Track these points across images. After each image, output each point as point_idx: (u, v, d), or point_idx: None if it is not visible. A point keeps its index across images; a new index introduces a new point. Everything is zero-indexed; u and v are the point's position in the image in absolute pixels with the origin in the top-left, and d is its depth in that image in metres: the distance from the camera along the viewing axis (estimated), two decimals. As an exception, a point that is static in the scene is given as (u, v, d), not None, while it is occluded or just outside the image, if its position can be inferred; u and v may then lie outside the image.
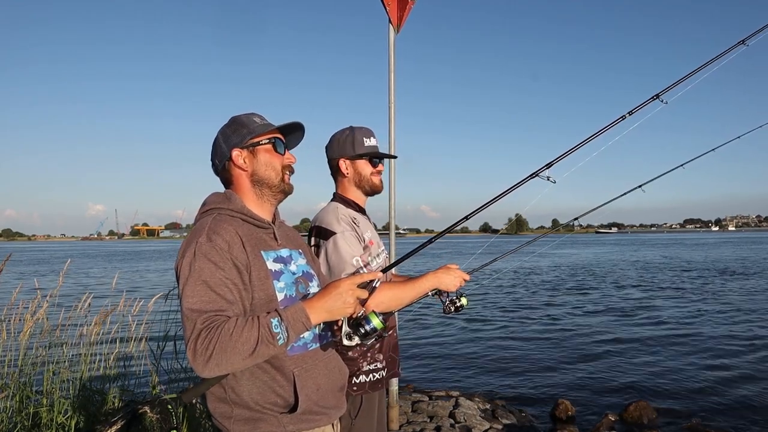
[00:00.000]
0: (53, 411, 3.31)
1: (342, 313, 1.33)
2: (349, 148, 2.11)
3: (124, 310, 4.11)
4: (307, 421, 1.44)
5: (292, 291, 1.48)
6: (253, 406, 1.39)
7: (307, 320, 1.29)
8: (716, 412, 5.15)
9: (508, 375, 6.61)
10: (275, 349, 1.25)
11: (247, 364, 1.26)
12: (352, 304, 1.33)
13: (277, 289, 1.43)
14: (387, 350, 2.17)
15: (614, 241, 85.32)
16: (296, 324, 1.28)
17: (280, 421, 1.40)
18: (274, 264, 1.47)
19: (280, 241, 1.55)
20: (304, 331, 1.31)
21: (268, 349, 1.24)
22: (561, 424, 4.88)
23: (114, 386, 3.74)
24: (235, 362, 1.22)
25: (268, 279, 1.43)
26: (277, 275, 1.46)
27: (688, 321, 10.10)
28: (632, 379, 6.29)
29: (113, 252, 63.49)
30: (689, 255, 34.79)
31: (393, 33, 3.68)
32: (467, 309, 2.07)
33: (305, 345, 1.47)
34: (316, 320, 1.32)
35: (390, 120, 3.68)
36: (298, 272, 1.55)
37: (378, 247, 2.15)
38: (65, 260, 4.56)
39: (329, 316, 1.33)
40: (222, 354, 1.19)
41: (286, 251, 1.55)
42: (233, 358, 1.20)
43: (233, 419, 1.40)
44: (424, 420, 4.61)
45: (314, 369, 1.47)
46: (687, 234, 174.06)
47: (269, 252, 1.48)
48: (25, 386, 3.41)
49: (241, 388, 1.39)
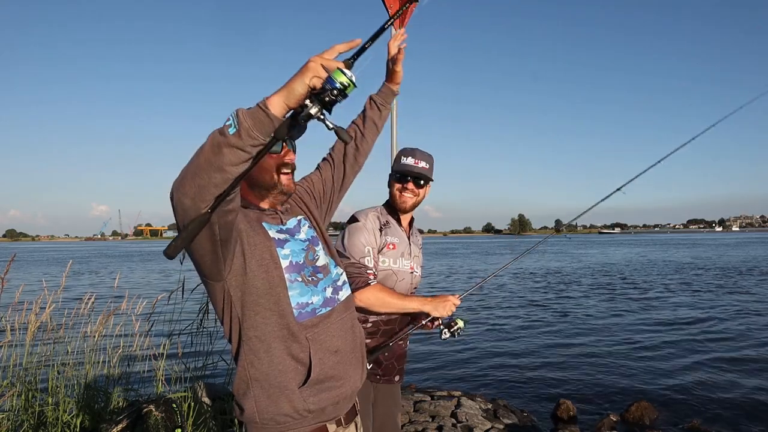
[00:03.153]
0: (58, 410, 3.35)
1: (302, 85, 1.10)
2: (395, 164, 2.31)
3: (127, 309, 4.14)
4: (328, 390, 1.43)
5: (299, 258, 1.47)
6: (273, 380, 1.38)
7: (263, 103, 1.12)
8: (718, 412, 5.15)
9: (510, 375, 6.61)
10: (227, 137, 1.09)
11: (210, 162, 1.10)
12: (313, 69, 1.11)
13: (282, 256, 1.42)
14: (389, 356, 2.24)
15: (618, 241, 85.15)
16: (250, 111, 1.11)
17: (301, 394, 1.39)
18: (278, 234, 1.47)
19: (285, 218, 1.55)
20: (262, 112, 1.10)
21: (219, 137, 1.10)
22: (562, 424, 4.89)
23: (118, 385, 3.77)
24: (199, 164, 1.11)
25: (270, 243, 1.42)
26: (281, 243, 1.45)
27: (690, 321, 10.08)
28: (634, 379, 6.30)
29: (116, 252, 63.66)
30: (692, 255, 34.69)
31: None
32: (467, 309, 2.16)
33: (314, 310, 1.45)
34: (276, 100, 1.11)
35: (392, 121, 3.70)
36: (307, 239, 1.54)
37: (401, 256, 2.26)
38: (68, 260, 4.59)
39: (288, 93, 1.11)
40: (188, 164, 1.13)
41: (293, 221, 1.56)
42: (196, 160, 1.11)
43: (254, 398, 1.39)
44: (426, 420, 4.62)
45: (327, 332, 1.45)
46: (691, 234, 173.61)
47: (273, 226, 1.48)
48: (30, 385, 3.44)
49: (260, 362, 1.38)
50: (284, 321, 1.40)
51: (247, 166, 1.13)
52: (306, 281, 1.45)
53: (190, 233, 1.15)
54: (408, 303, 2.11)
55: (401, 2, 3.69)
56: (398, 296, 2.11)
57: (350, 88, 1.11)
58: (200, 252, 1.28)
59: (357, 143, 1.77)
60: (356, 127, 1.79)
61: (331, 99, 1.10)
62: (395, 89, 1.81)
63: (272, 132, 1.12)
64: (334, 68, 1.10)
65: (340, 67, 1.10)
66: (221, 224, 1.22)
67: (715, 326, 9.53)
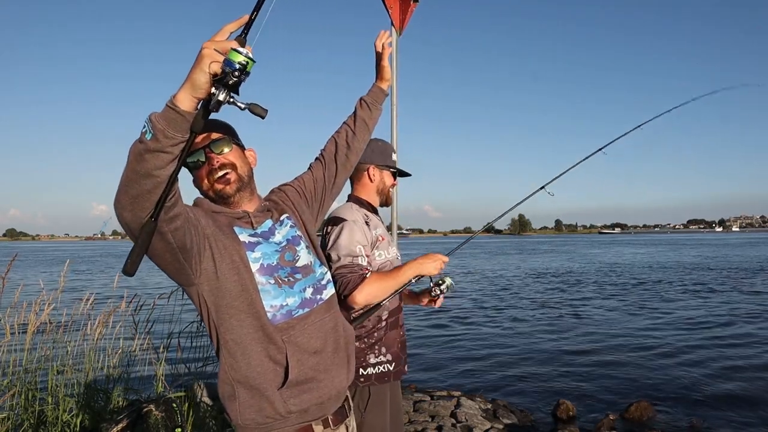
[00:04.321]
0: (58, 409, 3.35)
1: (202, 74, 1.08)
2: (380, 157, 2.30)
3: (127, 309, 4.14)
4: (309, 391, 1.42)
5: (272, 260, 1.46)
6: (253, 382, 1.38)
7: (171, 102, 1.10)
8: (717, 412, 5.15)
9: (510, 375, 6.62)
10: (146, 143, 1.08)
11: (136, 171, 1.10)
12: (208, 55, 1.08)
13: (252, 260, 1.42)
14: (394, 346, 2.22)
15: (618, 241, 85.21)
16: (162, 113, 1.10)
17: (281, 396, 1.39)
18: (250, 237, 1.46)
19: (257, 221, 1.52)
20: (172, 111, 1.08)
21: (139, 146, 1.09)
22: (562, 423, 4.89)
23: (118, 385, 3.78)
24: (128, 176, 1.11)
25: (240, 247, 1.42)
26: (251, 246, 1.44)
27: (691, 321, 10.09)
28: (633, 379, 6.30)
29: (118, 252, 63.67)
30: (696, 255, 34.73)
31: (395, 36, 3.70)
32: (469, 310, 2.14)
33: (289, 312, 1.43)
34: (183, 96, 1.09)
35: (392, 122, 3.70)
36: (283, 241, 1.52)
37: (389, 244, 2.29)
38: (67, 260, 4.60)
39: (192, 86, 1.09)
40: (120, 180, 1.13)
41: (268, 223, 1.53)
42: (124, 173, 1.11)
43: (238, 399, 1.39)
44: (426, 419, 4.63)
45: (304, 333, 1.44)
46: (692, 234, 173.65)
47: (245, 230, 1.47)
48: (30, 385, 3.45)
49: (238, 364, 1.38)
50: (259, 323, 1.39)
51: (176, 166, 1.13)
52: (279, 282, 1.44)
53: (141, 245, 1.16)
54: (402, 275, 2.05)
55: (399, 1, 3.69)
56: (392, 274, 2.06)
57: (250, 64, 1.09)
58: (161, 262, 1.29)
59: (348, 142, 1.78)
60: (347, 127, 1.81)
61: (234, 81, 1.08)
62: (384, 87, 1.85)
63: (188, 127, 1.11)
64: (228, 49, 1.07)
65: (234, 47, 1.08)
66: (171, 230, 1.23)
67: (716, 326, 9.54)
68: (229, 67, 1.07)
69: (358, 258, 2.03)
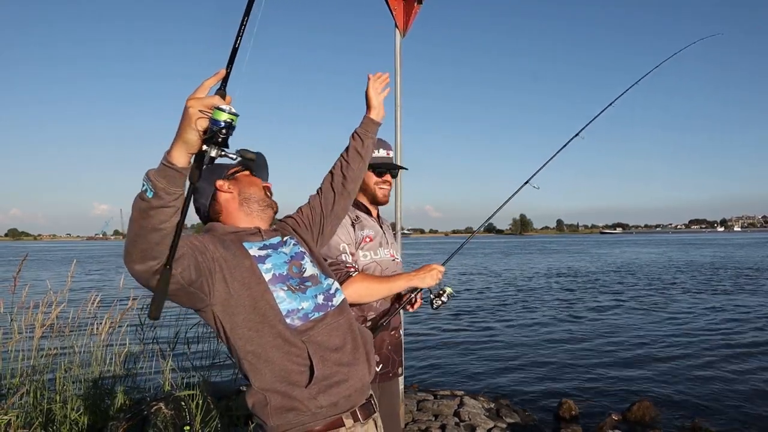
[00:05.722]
0: (66, 407, 3.39)
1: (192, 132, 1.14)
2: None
3: (134, 308, 4.17)
4: (337, 384, 1.47)
5: (282, 270, 1.52)
6: (280, 387, 1.43)
7: (165, 159, 1.17)
8: (719, 412, 5.17)
9: (513, 375, 6.65)
10: (149, 201, 1.15)
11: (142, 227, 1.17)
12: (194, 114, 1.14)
13: (263, 270, 1.49)
14: (383, 348, 2.22)
15: (622, 241, 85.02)
16: (160, 171, 1.16)
17: (310, 392, 1.43)
18: (260, 251, 1.53)
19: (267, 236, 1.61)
20: (169, 169, 1.15)
21: (141, 204, 1.16)
22: (565, 423, 4.91)
23: (125, 384, 3.81)
24: (135, 232, 1.18)
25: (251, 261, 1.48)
26: (262, 259, 1.51)
27: (693, 321, 10.10)
28: (636, 378, 6.32)
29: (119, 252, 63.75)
30: (699, 255, 34.64)
31: (399, 37, 3.72)
32: (471, 309, 2.16)
33: (306, 315, 1.49)
34: (177, 154, 1.16)
35: (396, 123, 3.72)
36: (291, 253, 1.60)
37: (379, 245, 2.25)
38: (80, 260, 4.63)
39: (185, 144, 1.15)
40: (126, 238, 1.22)
41: (276, 239, 1.62)
42: (131, 231, 1.19)
43: (270, 406, 1.43)
44: (429, 419, 4.65)
45: (323, 333, 1.50)
46: (694, 234, 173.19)
47: (254, 243, 1.55)
48: (38, 383, 3.48)
49: (262, 374, 1.44)
50: (276, 330, 1.45)
51: (179, 217, 1.21)
52: (293, 290, 1.51)
53: (162, 291, 1.25)
54: (394, 283, 2.04)
55: (403, 3, 3.71)
56: (383, 279, 2.06)
57: (235, 120, 1.16)
58: (174, 299, 1.38)
59: (343, 171, 1.87)
60: (342, 159, 1.89)
61: (223, 137, 1.15)
62: (373, 116, 1.90)
63: (185, 181, 1.19)
64: (210, 106, 1.14)
65: (216, 105, 1.14)
66: (179, 273, 1.30)
67: (717, 326, 9.54)
68: (216, 126, 1.14)
69: (342, 255, 2.07)
